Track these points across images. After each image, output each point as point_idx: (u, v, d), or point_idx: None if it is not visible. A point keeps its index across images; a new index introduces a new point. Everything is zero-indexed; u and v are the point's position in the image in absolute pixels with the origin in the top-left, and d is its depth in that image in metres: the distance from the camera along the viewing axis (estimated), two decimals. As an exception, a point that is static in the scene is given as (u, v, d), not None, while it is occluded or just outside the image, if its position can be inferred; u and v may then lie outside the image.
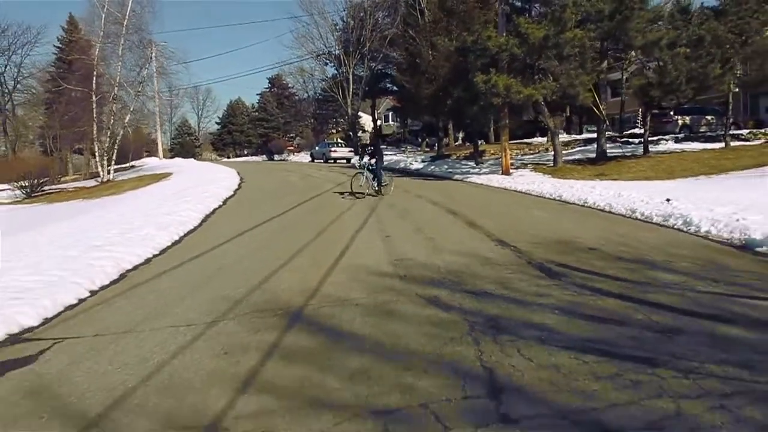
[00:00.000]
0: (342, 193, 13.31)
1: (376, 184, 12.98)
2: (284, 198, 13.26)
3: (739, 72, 23.14)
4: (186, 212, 10.22)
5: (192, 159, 42.65)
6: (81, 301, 5.18)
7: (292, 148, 48.48)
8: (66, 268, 5.93)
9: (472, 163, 21.82)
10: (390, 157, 31.60)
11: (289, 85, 58.59)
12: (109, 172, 25.79)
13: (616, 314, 4.00)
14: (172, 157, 45.50)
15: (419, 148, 37.08)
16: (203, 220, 10.06)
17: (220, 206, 12.13)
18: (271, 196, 14.33)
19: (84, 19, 27.78)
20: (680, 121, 26.63)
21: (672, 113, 26.08)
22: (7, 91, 44.03)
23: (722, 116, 21.98)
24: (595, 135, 20.13)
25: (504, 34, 16.81)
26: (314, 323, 4.11)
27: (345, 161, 32.23)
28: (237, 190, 15.82)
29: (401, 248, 6.76)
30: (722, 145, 19.69)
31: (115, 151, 26.12)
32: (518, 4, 17.69)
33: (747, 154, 16.94)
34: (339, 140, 40.97)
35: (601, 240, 6.90)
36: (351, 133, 41.48)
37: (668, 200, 9.25)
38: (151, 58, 27.87)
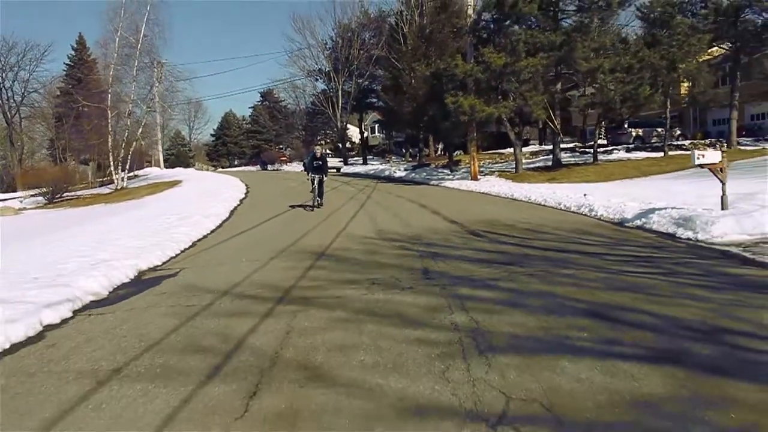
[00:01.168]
0: (305, 206, 13.57)
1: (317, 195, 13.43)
2: (289, 198, 16.18)
3: (684, 92, 26.79)
4: (216, 207, 13.12)
5: (192, 168, 45.31)
6: (177, 255, 8.09)
7: (284, 158, 51.42)
8: (158, 238, 8.81)
9: (447, 171, 24.92)
10: (376, 166, 34.74)
11: (281, 99, 61.76)
12: (123, 180, 28.52)
13: (504, 251, 7.02)
14: (168, 167, 47.92)
15: (403, 158, 40.32)
16: (231, 213, 12.98)
17: (239, 204, 15.08)
18: (278, 196, 17.26)
19: (99, 42, 30.58)
20: (634, 133, 30.23)
21: (626, 126, 29.78)
22: (14, 104, 46.52)
23: (671, 129, 25.59)
24: (566, 145, 23.44)
25: (472, 62, 20.04)
26: (331, 257, 7.09)
27: (335, 170, 35.24)
28: (247, 193, 18.75)
29: (383, 225, 9.76)
30: (662, 154, 23.15)
31: (128, 161, 28.90)
32: (484, 35, 20.90)
33: (677, 161, 20.23)
34: (328, 151, 44.08)
35: (522, 220, 9.95)
36: (340, 144, 44.65)
37: (585, 195, 12.36)
38: (161, 77, 30.78)
